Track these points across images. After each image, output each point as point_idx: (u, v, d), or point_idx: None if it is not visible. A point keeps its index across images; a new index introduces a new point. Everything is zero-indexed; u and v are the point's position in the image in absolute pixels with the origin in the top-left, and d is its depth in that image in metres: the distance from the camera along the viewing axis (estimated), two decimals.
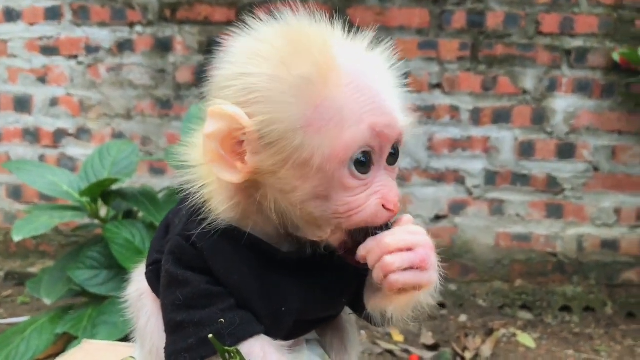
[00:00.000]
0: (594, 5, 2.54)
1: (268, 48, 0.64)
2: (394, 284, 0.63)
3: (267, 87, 0.62)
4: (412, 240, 0.65)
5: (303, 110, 0.61)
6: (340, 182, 0.63)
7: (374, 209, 0.65)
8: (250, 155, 0.63)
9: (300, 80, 0.61)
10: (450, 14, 2.58)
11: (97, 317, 1.60)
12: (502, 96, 2.61)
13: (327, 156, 0.61)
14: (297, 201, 0.64)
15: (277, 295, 0.69)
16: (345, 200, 0.64)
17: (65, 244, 2.76)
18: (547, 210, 2.64)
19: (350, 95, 0.62)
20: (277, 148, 0.62)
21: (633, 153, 2.60)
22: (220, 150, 0.64)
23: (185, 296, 0.67)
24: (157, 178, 2.69)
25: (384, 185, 0.66)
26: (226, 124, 0.63)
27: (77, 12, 2.69)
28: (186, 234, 0.69)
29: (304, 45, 0.63)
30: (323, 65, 0.62)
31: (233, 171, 0.64)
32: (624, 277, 2.65)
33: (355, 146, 0.62)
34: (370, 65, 0.65)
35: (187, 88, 2.68)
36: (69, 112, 2.74)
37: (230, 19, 2.62)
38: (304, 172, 0.62)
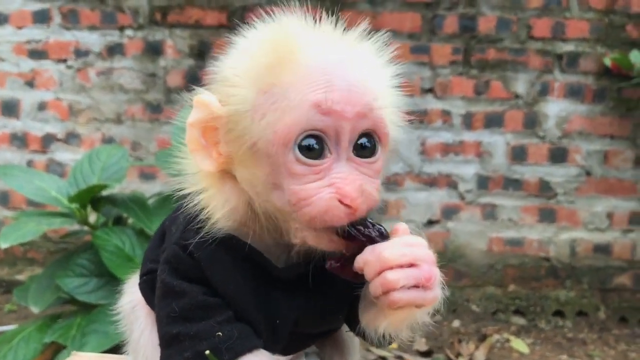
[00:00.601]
0: (585, 10, 2.55)
1: (245, 42, 0.66)
2: (395, 302, 0.59)
3: (230, 74, 0.64)
4: (414, 254, 0.61)
5: (253, 95, 0.61)
6: (287, 168, 0.60)
7: (325, 202, 0.60)
8: (223, 144, 0.64)
9: (257, 67, 0.62)
10: (442, 19, 2.58)
11: (86, 326, 1.57)
12: (494, 101, 2.61)
13: (271, 140, 0.60)
14: (262, 191, 0.63)
15: (273, 308, 0.68)
16: (292, 188, 0.60)
17: (54, 251, 2.72)
18: (540, 215, 2.64)
19: (300, 79, 0.60)
20: (235, 134, 0.62)
21: (624, 157, 2.61)
22: (201, 140, 0.64)
23: (182, 308, 0.65)
24: (148, 183, 2.66)
25: (342, 178, 0.60)
26: (204, 113, 0.64)
27: (66, 16, 2.65)
28: (183, 243, 0.67)
29: (272, 37, 0.63)
30: (283, 54, 0.61)
31: (210, 160, 0.65)
32: (616, 281, 2.65)
33: (297, 128, 0.59)
34: (344, 56, 0.63)
35: (178, 92, 2.66)
36: (57, 116, 2.70)
37: (222, 23, 2.60)
38: (256, 159, 0.62)
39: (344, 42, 0.65)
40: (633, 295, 2.64)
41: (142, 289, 0.75)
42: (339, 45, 0.64)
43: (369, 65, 0.64)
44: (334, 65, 0.61)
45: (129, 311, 0.77)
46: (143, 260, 0.77)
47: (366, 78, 0.62)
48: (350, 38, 0.65)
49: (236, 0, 2.59)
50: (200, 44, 2.64)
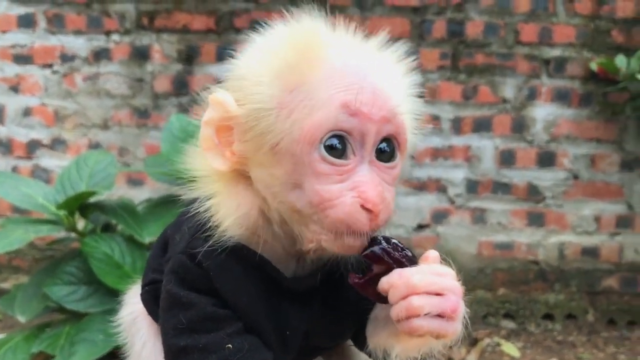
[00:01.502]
0: (572, 15, 2.57)
1: (264, 41, 0.65)
2: (416, 329, 0.58)
3: (251, 72, 0.63)
4: (443, 284, 0.60)
5: (278, 93, 0.61)
6: (311, 167, 0.59)
7: (349, 206, 0.59)
8: (237, 143, 0.63)
9: (282, 65, 0.61)
10: (431, 24, 2.59)
11: (75, 335, 1.54)
12: (483, 105, 2.62)
13: (296, 138, 0.59)
14: (279, 191, 0.62)
15: (283, 319, 0.66)
16: (315, 188, 0.59)
17: (40, 259, 2.67)
18: (529, 219, 2.65)
19: (327, 79, 0.60)
20: (254, 132, 0.61)
21: (611, 161, 2.63)
22: (215, 139, 0.64)
23: (190, 319, 0.63)
24: (135, 189, 2.63)
25: (365, 182, 0.60)
26: (219, 111, 0.64)
27: (51, 20, 2.62)
28: (190, 252, 0.65)
29: (296, 36, 0.63)
30: (308, 53, 0.61)
31: (223, 159, 0.64)
32: (604, 284, 2.67)
33: (325, 127, 0.59)
34: (368, 60, 0.63)
35: (165, 97, 2.63)
36: (43, 122, 2.66)
37: (210, 28, 2.58)
38: (278, 157, 0.61)
39: (366, 47, 0.65)
40: (621, 297, 2.66)
41: (144, 300, 0.73)
42: (363, 49, 0.65)
43: (392, 71, 0.64)
44: (361, 68, 0.61)
45: (130, 323, 0.75)
46: (145, 270, 0.75)
47: (390, 84, 0.63)
48: (371, 44, 0.66)
49: (224, 5, 2.58)
50: (187, 49, 2.62)
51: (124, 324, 0.76)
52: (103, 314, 1.60)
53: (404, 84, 0.65)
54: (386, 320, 0.68)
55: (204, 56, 2.61)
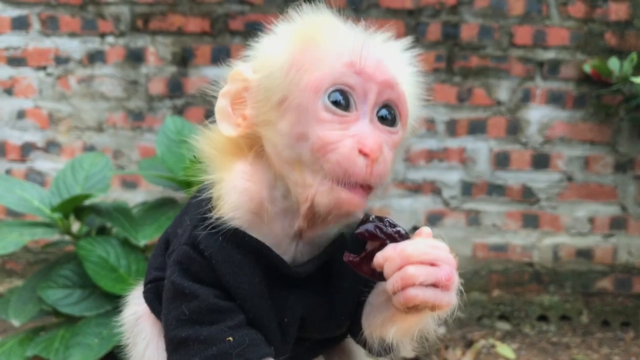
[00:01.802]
0: (565, 18, 2.59)
1: (283, 27, 0.70)
2: (411, 298, 0.59)
3: (273, 46, 0.68)
4: (437, 254, 0.61)
5: (292, 54, 0.65)
6: (315, 115, 0.63)
7: (348, 150, 0.62)
8: (249, 109, 0.68)
9: (299, 31, 0.66)
10: (426, 26, 2.60)
11: (70, 339, 1.53)
12: (477, 107, 2.63)
13: (302, 88, 0.63)
14: (285, 147, 0.65)
15: (280, 305, 0.67)
16: (318, 134, 0.63)
17: (34, 262, 2.66)
18: (523, 220, 2.66)
19: (340, 44, 0.65)
20: (265, 92, 0.66)
21: (604, 163, 2.65)
22: (228, 108, 0.69)
23: (192, 310, 0.64)
24: (130, 192, 2.62)
25: (365, 130, 0.64)
26: (238, 84, 0.69)
27: (45, 22, 2.61)
28: (194, 242, 0.66)
29: (310, 14, 0.68)
30: (324, 22, 0.67)
31: (235, 127, 0.69)
32: (598, 285, 2.68)
33: (330, 79, 0.63)
34: (373, 39, 0.68)
35: (160, 100, 2.63)
36: (37, 124, 2.65)
37: (204, 30, 2.58)
38: (285, 111, 0.65)
39: (374, 35, 0.70)
40: (615, 298, 2.68)
41: (146, 297, 0.73)
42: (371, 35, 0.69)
43: (397, 53, 0.70)
44: (368, 41, 0.67)
45: (132, 323, 0.75)
46: (147, 268, 0.75)
47: (394, 59, 0.68)
48: (378, 35, 0.70)
49: (219, 8, 2.58)
50: (182, 51, 2.61)
51: (127, 325, 0.75)
52: (98, 318, 1.60)
53: (406, 65, 0.70)
54: (380, 306, 0.69)
55: (199, 58, 2.61)
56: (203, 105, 2.61)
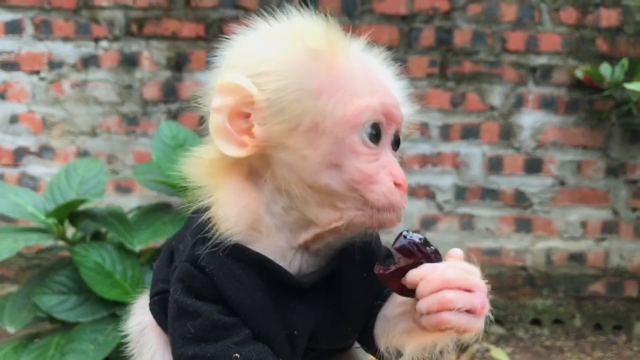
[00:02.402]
0: (557, 24, 2.61)
1: (279, 29, 0.66)
2: (445, 322, 0.60)
3: (279, 58, 0.63)
4: (474, 281, 0.62)
5: (316, 76, 0.63)
6: (352, 147, 0.63)
7: (388, 182, 0.64)
8: (258, 127, 0.63)
9: (314, 52, 0.63)
10: (419, 32, 2.61)
11: (65, 345, 1.52)
12: (471, 112, 2.64)
13: (340, 119, 0.62)
14: (309, 173, 0.63)
15: (289, 319, 0.66)
16: (357, 167, 0.63)
17: (27, 267, 2.64)
18: (516, 225, 2.68)
19: (360, 71, 0.65)
20: (287, 114, 0.62)
21: (597, 167, 2.67)
22: (227, 125, 0.64)
23: (197, 328, 0.63)
24: (124, 197, 2.61)
25: (391, 161, 0.66)
26: (234, 97, 0.63)
27: (39, 26, 2.60)
28: (194, 258, 0.65)
29: (312, 28, 0.65)
30: (333, 44, 0.64)
31: (240, 146, 0.64)
32: (590, 289, 2.70)
33: (368, 114, 0.63)
34: (371, 57, 0.69)
35: (154, 104, 2.63)
36: (30, 129, 2.64)
37: (199, 35, 2.58)
38: (314, 138, 0.62)
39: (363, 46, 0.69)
40: (607, 302, 2.70)
41: (152, 310, 0.72)
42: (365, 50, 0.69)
43: (393, 74, 0.70)
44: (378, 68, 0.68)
45: (138, 333, 0.74)
46: (152, 280, 0.74)
47: (396, 85, 0.69)
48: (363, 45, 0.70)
49: (213, 13, 2.58)
50: (177, 56, 2.61)
51: (132, 335, 0.75)
52: (93, 324, 1.59)
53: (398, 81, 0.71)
54: (397, 319, 0.69)
55: (194, 63, 2.61)
56: (197, 110, 2.60)
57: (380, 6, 2.59)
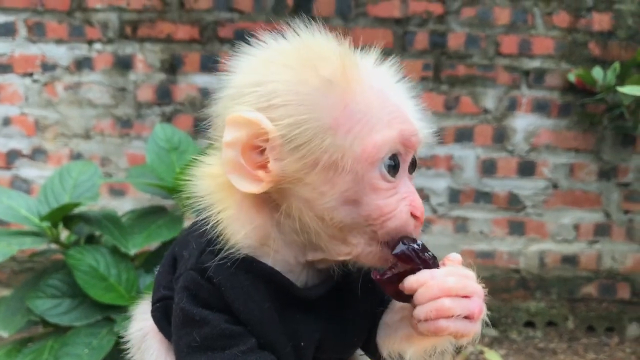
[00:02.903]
0: (550, 28, 2.63)
1: (287, 56, 0.63)
2: (443, 329, 0.60)
3: (292, 90, 0.61)
4: (472, 288, 0.63)
5: (331, 110, 0.61)
6: (371, 184, 0.62)
7: (405, 216, 0.63)
8: (274, 162, 0.61)
9: (327, 82, 0.61)
10: (413, 35, 2.62)
11: (59, 349, 1.51)
12: (464, 115, 2.65)
13: (358, 156, 0.61)
14: (326, 208, 0.62)
15: (296, 330, 0.66)
16: (377, 203, 0.62)
17: (19, 271, 2.63)
18: (510, 227, 2.69)
19: (375, 100, 0.63)
20: (304, 151, 0.60)
21: (589, 170, 2.69)
22: (241, 160, 0.62)
23: (203, 337, 0.63)
24: (118, 199, 2.61)
25: (411, 191, 0.65)
26: (247, 131, 0.61)
27: (32, 29, 2.59)
28: (201, 267, 0.64)
29: (323, 52, 0.63)
30: (346, 70, 0.61)
31: (254, 181, 0.62)
32: (583, 291, 2.71)
33: (387, 148, 0.62)
34: (384, 76, 0.66)
35: (148, 107, 2.62)
36: (23, 132, 2.63)
37: (193, 37, 2.58)
38: (333, 175, 0.61)
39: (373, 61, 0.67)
40: (599, 304, 2.71)
41: (154, 317, 0.72)
42: (376, 67, 0.67)
43: (403, 87, 0.68)
44: (393, 91, 0.65)
45: (139, 339, 0.73)
46: (154, 286, 0.73)
47: (412, 104, 0.67)
48: (374, 58, 0.67)
49: (208, 15, 2.58)
50: (171, 58, 2.61)
51: (133, 340, 0.74)
52: (88, 327, 1.58)
53: (413, 99, 0.69)
54: (397, 325, 0.70)
55: (188, 66, 2.60)
56: (192, 112, 2.60)
57: (375, 9, 2.60)
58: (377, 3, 2.60)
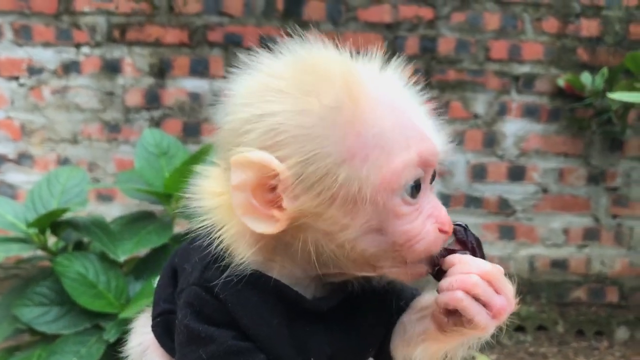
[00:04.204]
0: (539, 33, 2.65)
1: (284, 82, 0.59)
2: (456, 300, 0.59)
3: (296, 123, 0.57)
4: (506, 286, 0.62)
5: (343, 140, 0.56)
6: (394, 211, 0.58)
7: (432, 235, 0.60)
8: (289, 201, 0.58)
9: (332, 109, 0.57)
10: (404, 40, 2.62)
11: (47, 357, 1.48)
12: (455, 120, 2.66)
13: (378, 186, 0.57)
14: (348, 240, 0.59)
15: (306, 345, 0.64)
16: (402, 229, 0.59)
17: (4, 278, 2.58)
18: (500, 232, 2.69)
19: (387, 117, 0.59)
20: (320, 187, 0.57)
21: (578, 175, 2.70)
22: (253, 201, 0.58)
23: (210, 354, 0.60)
24: (105, 205, 2.57)
25: (435, 207, 0.62)
26: (255, 173, 0.57)
27: (18, 32, 2.56)
28: (206, 284, 0.62)
29: (324, 72, 0.58)
30: (351, 90, 0.57)
31: (269, 221, 0.59)
32: (573, 295, 2.72)
33: (407, 173, 0.58)
34: (393, 86, 0.62)
35: (136, 111, 2.59)
36: (9, 136, 2.59)
37: (182, 41, 2.56)
38: (353, 208, 0.57)
39: (379, 68, 0.63)
40: (589, 308, 2.72)
41: (155, 332, 0.69)
42: (382, 74, 0.63)
43: (413, 94, 0.64)
44: (403, 104, 0.61)
45: (139, 354, 0.71)
46: (154, 300, 0.71)
47: (424, 114, 0.64)
48: (379, 64, 0.64)
49: (197, 19, 2.56)
50: (160, 62, 2.59)
51: (133, 355, 0.72)
52: (76, 336, 1.55)
53: (424, 106, 0.65)
54: (414, 323, 0.69)
55: (177, 70, 2.58)
56: (181, 117, 2.58)
57: (365, 14, 2.60)
58: (368, 8, 2.60)
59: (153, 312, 0.70)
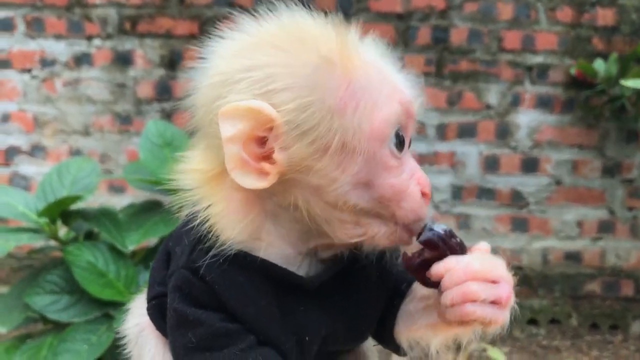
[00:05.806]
0: (553, 23, 2.61)
1: (277, 38, 0.60)
2: (469, 314, 0.58)
3: (292, 72, 0.57)
4: (499, 272, 0.61)
5: (336, 90, 0.57)
6: (382, 162, 0.59)
7: (417, 195, 0.61)
8: (280, 152, 0.57)
9: (328, 60, 0.58)
10: (415, 30, 2.60)
11: (58, 345, 1.49)
12: (467, 111, 2.63)
13: (368, 135, 0.58)
14: (338, 194, 0.59)
15: (299, 324, 0.63)
16: (389, 182, 0.60)
17: (18, 268, 2.61)
18: (513, 224, 2.67)
19: (374, 74, 0.60)
20: (313, 136, 0.57)
21: (592, 167, 2.66)
22: (243, 154, 0.57)
23: (199, 337, 0.60)
24: (117, 196, 2.59)
25: (416, 168, 0.63)
26: (249, 122, 0.56)
27: (31, 24, 2.57)
28: (193, 266, 0.62)
29: (317, 31, 0.60)
30: (344, 46, 0.59)
31: (259, 175, 0.58)
32: (587, 288, 2.69)
33: (393, 122, 0.60)
34: (375, 49, 0.64)
35: (148, 103, 2.60)
36: (22, 128, 2.61)
37: (193, 33, 2.56)
38: (344, 159, 0.58)
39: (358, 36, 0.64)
40: (603, 301, 2.69)
41: (150, 314, 0.69)
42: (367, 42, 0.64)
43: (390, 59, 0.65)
44: (384, 62, 0.63)
45: (136, 335, 0.71)
46: (149, 283, 0.71)
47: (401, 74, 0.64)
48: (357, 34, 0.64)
49: (208, 11, 2.56)
50: (171, 54, 2.59)
51: (130, 336, 0.72)
52: (86, 324, 1.56)
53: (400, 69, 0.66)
54: (421, 313, 0.68)
55: (188, 61, 2.58)
56: None
57: (376, 4, 2.58)
58: None
59: (148, 295, 0.70)
